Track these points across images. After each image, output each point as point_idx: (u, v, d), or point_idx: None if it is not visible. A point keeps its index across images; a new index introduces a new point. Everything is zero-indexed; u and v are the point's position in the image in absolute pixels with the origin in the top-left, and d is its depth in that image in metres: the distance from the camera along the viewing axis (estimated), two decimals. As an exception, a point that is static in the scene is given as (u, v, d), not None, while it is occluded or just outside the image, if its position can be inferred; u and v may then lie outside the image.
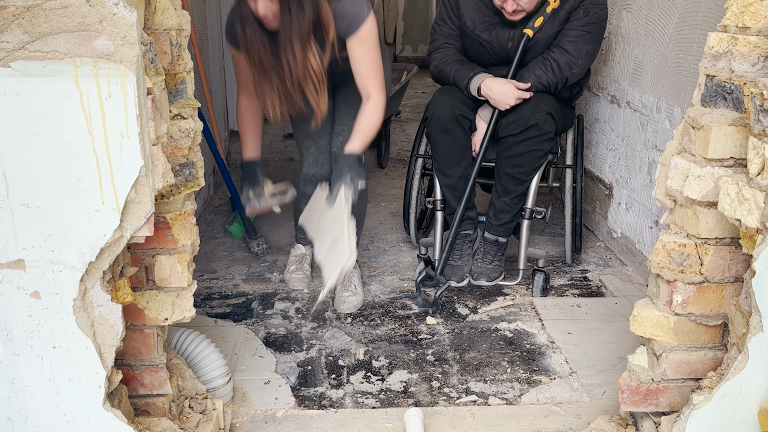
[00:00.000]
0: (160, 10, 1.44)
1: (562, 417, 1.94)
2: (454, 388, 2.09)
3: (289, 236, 3.24)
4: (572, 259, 2.96)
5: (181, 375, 1.73)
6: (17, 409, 1.43)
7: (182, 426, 1.68)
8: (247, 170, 2.48)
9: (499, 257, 2.66)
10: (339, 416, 1.94)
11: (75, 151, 1.28)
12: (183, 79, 1.53)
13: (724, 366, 1.55)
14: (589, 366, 2.19)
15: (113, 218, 1.32)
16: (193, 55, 3.09)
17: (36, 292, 1.35)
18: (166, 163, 1.40)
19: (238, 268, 2.92)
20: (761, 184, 1.32)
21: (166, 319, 1.59)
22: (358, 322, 2.47)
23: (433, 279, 2.58)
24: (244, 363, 2.19)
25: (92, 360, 1.40)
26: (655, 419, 1.71)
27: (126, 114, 1.27)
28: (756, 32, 1.41)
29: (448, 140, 2.59)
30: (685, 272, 1.54)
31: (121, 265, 1.46)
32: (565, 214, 2.88)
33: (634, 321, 1.64)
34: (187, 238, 1.57)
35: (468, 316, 2.52)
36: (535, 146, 2.50)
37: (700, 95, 1.53)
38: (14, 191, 1.29)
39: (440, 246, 2.67)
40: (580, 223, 2.94)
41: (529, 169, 2.55)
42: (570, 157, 2.85)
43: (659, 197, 1.59)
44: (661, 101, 2.62)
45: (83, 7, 1.21)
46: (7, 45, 1.21)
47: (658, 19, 2.63)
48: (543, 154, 2.54)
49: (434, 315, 2.51)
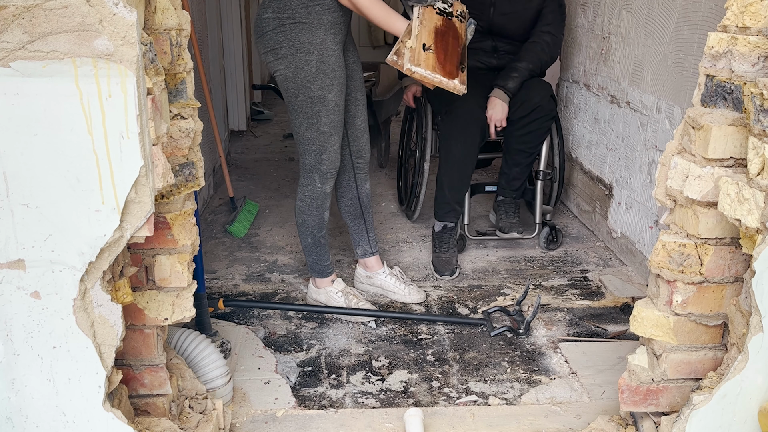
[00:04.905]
0: (160, 10, 1.44)
1: (562, 417, 1.94)
2: (454, 388, 2.09)
3: (290, 236, 3.25)
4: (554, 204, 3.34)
5: (181, 375, 1.73)
6: (17, 409, 1.43)
7: (182, 426, 1.68)
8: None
9: (518, 212, 3.13)
10: (339, 416, 1.94)
11: (75, 151, 1.28)
12: (183, 79, 1.53)
13: (724, 366, 1.55)
14: (589, 366, 2.19)
15: (113, 218, 1.32)
16: (193, 55, 3.09)
17: (36, 292, 1.35)
18: (166, 163, 1.40)
19: (238, 268, 2.92)
20: (761, 184, 1.32)
21: (166, 319, 1.59)
22: (358, 322, 2.47)
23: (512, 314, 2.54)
24: (244, 363, 2.19)
25: (92, 360, 1.40)
26: (655, 419, 1.71)
27: (126, 114, 1.27)
28: (756, 32, 1.41)
29: (465, 139, 2.84)
30: (685, 272, 1.54)
31: (121, 265, 1.46)
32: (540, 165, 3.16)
33: (634, 321, 1.64)
34: (187, 238, 1.57)
35: (468, 316, 2.52)
36: (541, 124, 2.94)
37: (700, 95, 1.53)
38: (14, 191, 1.29)
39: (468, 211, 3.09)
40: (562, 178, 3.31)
41: (537, 143, 2.99)
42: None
43: (659, 197, 1.59)
44: (661, 101, 2.62)
45: (83, 7, 1.21)
46: (7, 45, 1.21)
47: (658, 19, 2.63)
48: (547, 130, 3.00)
49: (526, 335, 2.39)
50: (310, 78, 2.20)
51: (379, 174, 4.27)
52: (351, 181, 2.54)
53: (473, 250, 3.12)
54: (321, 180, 2.37)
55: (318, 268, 2.54)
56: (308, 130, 2.28)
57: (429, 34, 2.17)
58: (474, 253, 3.10)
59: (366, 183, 2.57)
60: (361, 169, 2.54)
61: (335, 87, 2.24)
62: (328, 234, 2.54)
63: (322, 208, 2.43)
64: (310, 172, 2.37)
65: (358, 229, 2.63)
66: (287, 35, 2.18)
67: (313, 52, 2.18)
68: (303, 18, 2.17)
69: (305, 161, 2.35)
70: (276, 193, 3.91)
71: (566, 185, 3.61)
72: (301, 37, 2.17)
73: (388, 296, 2.66)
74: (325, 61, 2.20)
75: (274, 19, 2.19)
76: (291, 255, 3.05)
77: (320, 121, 2.26)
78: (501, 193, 3.09)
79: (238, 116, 5.15)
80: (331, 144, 2.32)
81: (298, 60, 2.19)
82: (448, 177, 2.90)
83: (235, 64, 4.95)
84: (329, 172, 2.37)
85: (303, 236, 2.50)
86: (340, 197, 2.59)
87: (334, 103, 2.26)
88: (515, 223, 3.03)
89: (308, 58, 2.19)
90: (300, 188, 2.42)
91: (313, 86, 2.21)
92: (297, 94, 2.23)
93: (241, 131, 5.21)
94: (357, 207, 2.58)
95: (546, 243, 3.12)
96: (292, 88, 2.23)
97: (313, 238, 2.48)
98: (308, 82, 2.21)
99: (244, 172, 4.31)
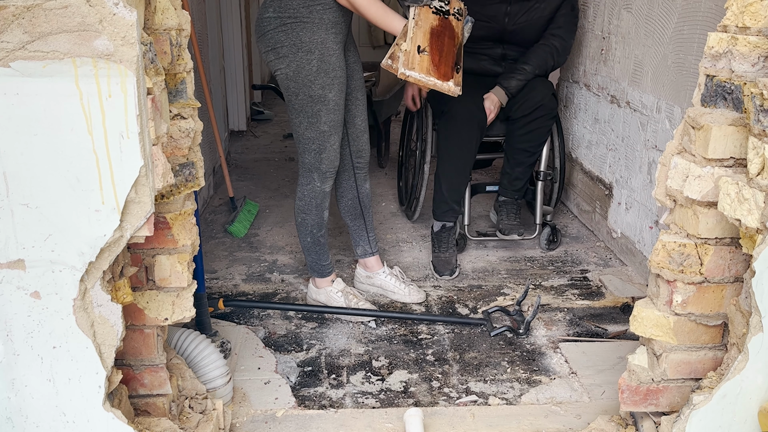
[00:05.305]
0: (160, 10, 1.44)
1: (562, 417, 1.94)
2: (454, 388, 2.09)
3: (290, 236, 3.25)
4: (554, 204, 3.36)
5: (181, 375, 1.73)
6: (17, 409, 1.43)
7: (182, 426, 1.67)
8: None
9: (519, 213, 3.10)
10: (339, 416, 1.94)
11: (75, 151, 1.28)
12: (183, 79, 1.53)
13: (724, 366, 1.55)
14: (589, 366, 2.19)
15: (113, 218, 1.32)
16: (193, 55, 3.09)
17: (36, 292, 1.35)
18: (166, 163, 1.40)
19: (238, 268, 2.92)
20: (761, 184, 1.32)
21: (166, 319, 1.59)
22: (358, 322, 2.47)
23: (512, 314, 2.53)
24: (244, 363, 2.19)
25: (92, 360, 1.40)
26: (655, 419, 1.71)
27: (126, 114, 1.27)
28: (756, 32, 1.41)
29: (462, 138, 2.84)
30: (685, 272, 1.54)
31: (121, 265, 1.46)
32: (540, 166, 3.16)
33: (634, 321, 1.64)
34: (187, 238, 1.57)
35: (468, 316, 2.52)
36: (543, 123, 2.93)
37: (700, 95, 1.53)
38: (14, 191, 1.29)
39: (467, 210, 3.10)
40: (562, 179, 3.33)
41: (539, 143, 2.99)
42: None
43: (659, 197, 1.59)
44: (661, 101, 2.62)
45: (83, 7, 1.21)
46: (7, 45, 1.21)
47: (658, 19, 2.63)
48: (548, 129, 2.98)
49: (526, 335, 2.38)
50: (311, 77, 2.20)
51: (379, 174, 4.27)
52: (351, 181, 2.54)
53: (473, 250, 3.12)
54: (320, 179, 2.38)
55: (318, 267, 2.54)
56: (308, 130, 2.28)
57: (424, 35, 2.16)
58: (474, 253, 3.10)
59: (366, 183, 2.57)
60: (361, 169, 2.54)
61: (336, 86, 2.25)
62: (327, 234, 2.54)
63: (322, 208, 2.43)
64: (309, 172, 2.37)
65: (357, 229, 2.63)
66: (288, 34, 2.18)
67: (314, 51, 2.18)
68: (304, 17, 2.17)
69: (305, 160, 2.35)
70: (276, 193, 3.91)
71: (566, 185, 3.61)
72: (303, 36, 2.18)
73: (388, 296, 2.66)
74: (326, 60, 2.21)
75: (276, 19, 2.19)
76: (291, 255, 3.05)
77: (320, 121, 2.26)
78: (503, 194, 3.09)
79: (238, 116, 5.15)
80: (330, 143, 2.32)
81: (300, 59, 2.19)
82: (446, 177, 2.90)
83: (235, 64, 4.95)
84: (329, 172, 2.37)
85: (302, 236, 2.50)
86: (339, 197, 2.59)
87: (334, 102, 2.26)
88: (516, 224, 3.03)
89: (309, 58, 2.19)
90: (299, 187, 2.42)
91: (314, 85, 2.21)
92: (298, 93, 2.23)
93: (241, 131, 5.21)
94: (357, 207, 2.58)
95: (546, 244, 3.12)
96: (293, 87, 2.23)
97: (312, 238, 2.48)
98: (309, 82, 2.21)
99: (244, 172, 4.31)
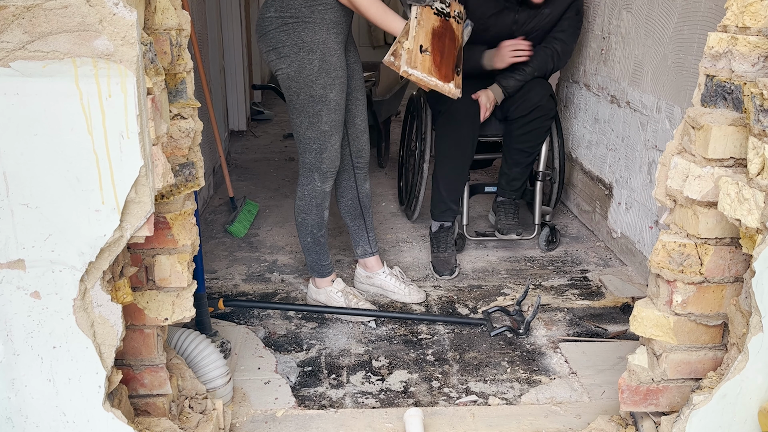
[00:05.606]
0: (160, 10, 1.44)
1: (562, 417, 1.94)
2: (454, 388, 2.09)
3: (290, 236, 3.25)
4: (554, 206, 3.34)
5: (181, 375, 1.73)
6: (17, 409, 1.43)
7: (182, 426, 1.67)
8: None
9: (517, 213, 3.11)
10: (339, 416, 1.94)
11: (75, 151, 1.28)
12: (183, 79, 1.53)
13: (724, 366, 1.55)
14: (589, 366, 2.19)
15: (113, 218, 1.32)
16: (193, 55, 3.09)
17: (36, 292, 1.35)
18: (166, 163, 1.40)
19: (238, 268, 2.92)
20: (761, 184, 1.32)
21: (166, 319, 1.59)
22: (358, 322, 2.47)
23: (512, 314, 2.52)
24: (244, 363, 2.19)
25: (92, 360, 1.40)
26: (655, 419, 1.71)
27: (126, 114, 1.27)
28: (756, 32, 1.41)
29: (460, 138, 2.84)
30: (685, 272, 1.54)
31: (121, 265, 1.46)
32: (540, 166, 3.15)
33: (634, 321, 1.64)
34: (187, 238, 1.57)
35: (468, 316, 2.52)
36: (541, 124, 2.94)
37: (700, 95, 1.53)
38: (14, 191, 1.29)
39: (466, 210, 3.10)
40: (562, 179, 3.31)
41: (537, 143, 2.99)
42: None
43: (659, 197, 1.59)
44: (661, 101, 2.62)
45: (83, 7, 1.21)
46: (7, 45, 1.21)
47: (658, 19, 2.63)
48: (547, 130, 3.00)
49: (526, 335, 2.38)
50: (313, 77, 2.20)
51: (379, 174, 4.27)
52: (351, 181, 2.54)
53: (473, 250, 3.12)
54: (321, 179, 2.38)
55: (318, 267, 2.54)
56: (309, 129, 2.29)
57: (426, 35, 2.16)
58: (474, 253, 3.10)
59: (366, 183, 2.57)
60: (361, 169, 2.54)
61: (337, 86, 2.25)
62: (327, 233, 2.54)
63: (322, 208, 2.43)
64: (309, 171, 2.37)
65: (357, 229, 2.63)
66: (290, 34, 2.18)
67: (315, 51, 2.19)
68: (306, 17, 2.17)
69: (305, 160, 2.35)
70: (276, 193, 3.91)
71: (566, 185, 3.61)
72: (304, 36, 2.18)
73: (388, 296, 2.66)
74: (327, 60, 2.21)
75: (277, 18, 2.19)
76: (291, 255, 3.05)
77: (321, 120, 2.27)
78: (501, 194, 3.10)
79: (238, 116, 5.15)
80: (331, 143, 2.32)
81: (301, 59, 2.19)
82: (444, 177, 2.90)
83: (235, 64, 4.95)
84: (329, 172, 2.37)
85: (302, 236, 2.50)
86: (339, 197, 2.59)
87: (335, 102, 2.26)
88: (514, 224, 3.03)
89: (311, 57, 2.19)
90: (299, 187, 2.42)
91: (315, 85, 2.21)
92: (299, 93, 2.23)
93: (241, 131, 5.21)
94: (357, 207, 2.58)
95: (545, 244, 3.12)
96: (294, 87, 2.23)
97: (312, 238, 2.48)
98: (310, 81, 2.21)
99: (244, 172, 4.31)
